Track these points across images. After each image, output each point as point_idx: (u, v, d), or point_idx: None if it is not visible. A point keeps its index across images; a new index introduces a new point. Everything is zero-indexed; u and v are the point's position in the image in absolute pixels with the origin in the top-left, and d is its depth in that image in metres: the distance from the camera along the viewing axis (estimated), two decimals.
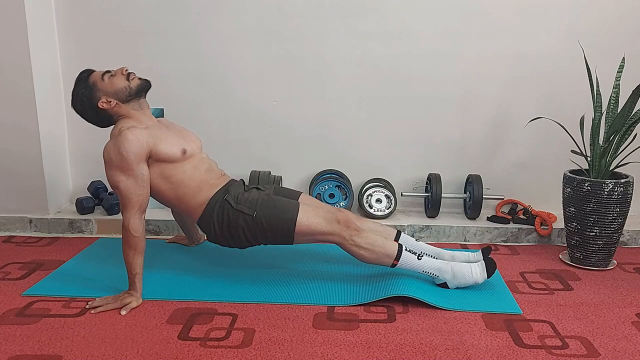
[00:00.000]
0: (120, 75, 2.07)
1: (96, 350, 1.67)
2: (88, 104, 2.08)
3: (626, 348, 1.72)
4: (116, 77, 2.06)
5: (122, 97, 2.07)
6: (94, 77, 2.07)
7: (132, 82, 2.08)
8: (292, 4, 2.78)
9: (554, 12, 2.72)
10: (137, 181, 1.96)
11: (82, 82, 2.08)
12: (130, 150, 1.94)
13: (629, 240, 2.67)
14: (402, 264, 2.04)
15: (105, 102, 2.06)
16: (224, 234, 2.07)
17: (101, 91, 2.05)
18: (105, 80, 2.05)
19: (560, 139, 2.50)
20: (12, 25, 2.59)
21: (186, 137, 2.21)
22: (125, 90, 2.06)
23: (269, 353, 1.67)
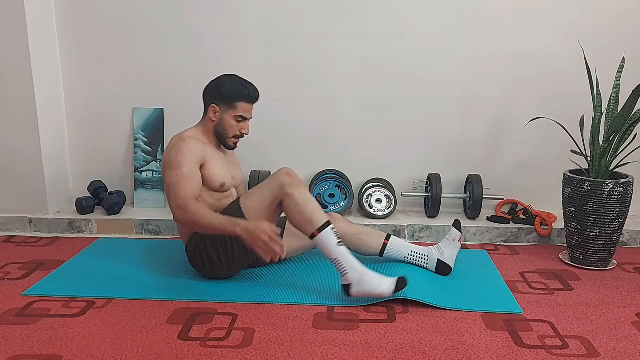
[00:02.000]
0: (240, 128, 2.19)
1: (96, 350, 1.67)
2: (215, 92, 2.17)
3: (626, 348, 1.72)
4: (240, 123, 2.18)
5: (220, 128, 2.18)
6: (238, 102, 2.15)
7: (231, 139, 2.20)
8: (292, 4, 2.78)
9: (554, 12, 2.72)
10: (193, 174, 2.05)
11: (231, 87, 2.15)
12: (188, 152, 2.05)
13: (629, 240, 2.67)
14: (320, 241, 1.93)
15: (213, 109, 2.17)
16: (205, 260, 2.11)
17: (225, 110, 2.15)
18: (231, 116, 2.16)
19: (560, 139, 2.50)
20: (12, 25, 2.59)
21: (233, 171, 2.28)
22: (224, 132, 2.18)
23: (269, 353, 1.67)
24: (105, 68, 2.90)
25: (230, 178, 2.22)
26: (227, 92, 2.13)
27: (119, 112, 2.95)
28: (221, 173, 2.16)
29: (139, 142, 2.95)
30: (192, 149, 2.07)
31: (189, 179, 2.03)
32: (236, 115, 2.15)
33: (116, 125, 2.96)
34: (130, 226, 2.78)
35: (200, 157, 2.09)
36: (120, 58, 2.88)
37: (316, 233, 1.94)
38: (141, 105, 2.94)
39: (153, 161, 2.96)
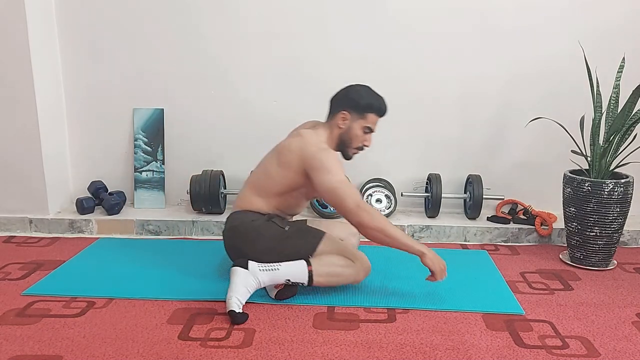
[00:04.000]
0: (364, 139, 2.13)
1: (96, 350, 1.67)
2: (348, 100, 2.10)
3: (626, 348, 1.72)
4: (366, 135, 2.12)
5: (346, 137, 2.11)
6: (369, 113, 2.10)
7: (353, 150, 2.15)
8: (292, 4, 2.78)
9: (554, 13, 2.72)
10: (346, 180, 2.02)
11: (366, 97, 2.09)
12: (334, 157, 2.05)
13: (629, 240, 2.67)
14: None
15: (343, 116, 2.10)
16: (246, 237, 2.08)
17: (355, 119, 2.09)
18: (360, 126, 2.10)
19: (560, 139, 2.50)
20: (12, 25, 2.59)
21: None
22: (349, 141, 2.12)
23: (269, 353, 1.67)
24: (105, 68, 2.89)
25: None
26: (362, 101, 2.08)
27: (119, 112, 2.95)
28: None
29: (139, 142, 2.95)
30: (336, 156, 2.07)
31: (351, 186, 2.02)
32: (365, 125, 2.10)
33: (116, 125, 2.96)
34: (131, 226, 2.78)
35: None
36: (120, 58, 2.88)
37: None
38: (141, 105, 2.94)
39: (153, 161, 2.96)
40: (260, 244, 2.05)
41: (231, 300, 1.87)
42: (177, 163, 2.99)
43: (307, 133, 2.12)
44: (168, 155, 2.99)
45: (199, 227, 2.78)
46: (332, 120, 2.13)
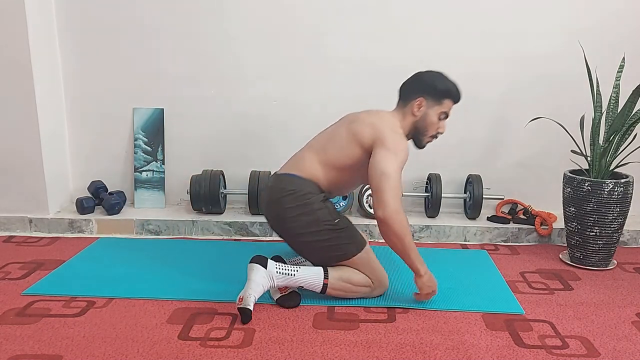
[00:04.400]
0: (439, 126, 2.07)
1: (96, 350, 1.67)
2: (425, 86, 2.03)
3: (626, 348, 1.72)
4: (441, 122, 2.06)
5: (421, 124, 2.05)
6: (446, 99, 2.04)
7: (428, 138, 2.10)
8: (292, 4, 2.78)
9: (554, 12, 2.72)
10: (400, 174, 1.93)
11: (444, 83, 2.03)
12: (406, 152, 1.98)
13: (629, 240, 2.67)
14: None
15: (419, 103, 2.02)
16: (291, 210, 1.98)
17: (431, 106, 2.02)
18: (436, 112, 2.04)
19: (560, 139, 2.50)
20: (12, 25, 2.59)
21: None
22: (424, 128, 2.06)
23: (269, 353, 1.67)
24: (105, 68, 2.89)
25: None
26: (439, 87, 2.01)
27: (119, 112, 2.95)
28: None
29: (139, 142, 2.95)
30: (408, 150, 1.99)
31: (400, 182, 1.93)
32: (441, 112, 2.03)
33: (116, 125, 2.96)
34: (131, 226, 2.78)
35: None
36: (120, 58, 2.88)
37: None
38: (141, 105, 2.94)
39: (153, 161, 2.96)
40: (304, 222, 1.96)
41: (250, 299, 1.86)
42: (177, 163, 2.99)
43: (384, 112, 2.06)
44: (168, 155, 2.99)
45: (199, 227, 2.78)
46: (405, 107, 2.05)
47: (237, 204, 3.01)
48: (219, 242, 2.70)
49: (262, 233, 2.77)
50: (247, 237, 2.76)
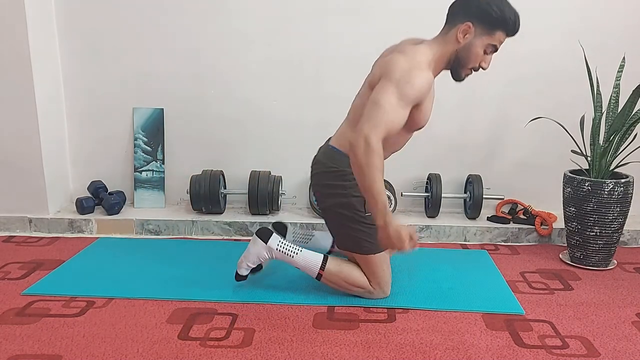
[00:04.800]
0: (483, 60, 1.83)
1: (96, 350, 1.67)
2: (477, 10, 1.78)
3: (626, 348, 1.72)
4: (486, 55, 1.82)
5: (464, 53, 1.80)
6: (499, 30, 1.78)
7: (467, 70, 1.86)
8: (292, 4, 2.78)
9: (554, 12, 2.72)
10: (400, 112, 1.71)
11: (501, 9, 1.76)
12: (417, 88, 1.72)
13: (629, 240, 2.67)
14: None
15: (465, 29, 1.78)
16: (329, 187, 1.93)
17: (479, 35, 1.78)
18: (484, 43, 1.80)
19: (560, 139, 2.50)
20: (12, 25, 2.59)
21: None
22: (466, 59, 1.82)
23: (269, 353, 1.67)
24: (105, 68, 2.89)
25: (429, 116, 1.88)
26: (495, 14, 1.73)
27: (119, 112, 2.95)
28: (427, 114, 1.85)
29: (139, 142, 2.95)
30: (422, 86, 1.72)
31: (396, 119, 1.70)
32: (490, 43, 1.77)
33: (116, 125, 2.96)
34: (130, 226, 2.78)
35: (422, 98, 1.76)
36: (120, 58, 2.88)
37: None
38: (141, 105, 2.94)
39: (153, 161, 2.96)
40: (337, 202, 1.91)
41: (241, 266, 2.03)
42: (177, 163, 2.99)
43: (413, 45, 1.82)
44: (168, 155, 2.99)
45: (198, 227, 2.78)
46: (449, 32, 1.81)
47: (237, 204, 3.01)
48: (219, 242, 2.70)
49: None
50: (247, 237, 2.76)
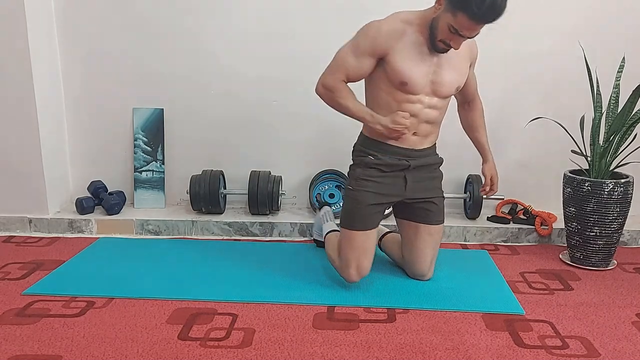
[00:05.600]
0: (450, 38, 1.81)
1: (96, 350, 1.67)
2: None
3: (626, 348, 1.72)
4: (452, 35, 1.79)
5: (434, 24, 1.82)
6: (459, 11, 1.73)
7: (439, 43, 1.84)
8: (292, 4, 2.78)
9: (554, 12, 2.72)
10: (350, 59, 1.95)
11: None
12: (370, 35, 1.91)
13: (629, 240, 2.67)
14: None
15: (438, 3, 1.81)
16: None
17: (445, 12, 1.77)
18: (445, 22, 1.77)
19: (560, 139, 2.50)
20: (12, 25, 2.59)
21: (443, 75, 1.93)
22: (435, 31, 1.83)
23: (269, 353, 1.67)
24: (105, 68, 2.89)
25: (426, 81, 1.92)
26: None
27: (119, 112, 2.95)
28: (406, 70, 1.88)
29: (139, 142, 2.95)
30: (376, 34, 1.88)
31: (346, 64, 1.95)
32: (451, 24, 1.76)
33: (116, 125, 2.96)
34: (130, 226, 2.78)
35: (378, 46, 1.88)
36: (120, 58, 2.88)
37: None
38: (141, 105, 2.94)
39: (153, 161, 2.96)
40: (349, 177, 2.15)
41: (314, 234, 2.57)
42: (177, 163, 2.99)
43: (403, 11, 1.95)
44: (168, 155, 2.99)
45: (198, 227, 2.78)
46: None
47: (237, 204, 3.01)
48: (219, 242, 2.70)
49: (262, 233, 2.77)
50: (247, 237, 2.76)
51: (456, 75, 1.97)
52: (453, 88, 1.99)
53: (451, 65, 1.94)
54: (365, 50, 1.92)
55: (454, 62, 1.94)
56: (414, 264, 2.15)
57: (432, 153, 2.14)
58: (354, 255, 2.05)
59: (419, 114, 1.98)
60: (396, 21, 1.91)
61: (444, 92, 1.97)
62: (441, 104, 2.01)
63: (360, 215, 2.05)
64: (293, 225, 2.76)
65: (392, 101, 1.96)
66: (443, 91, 1.97)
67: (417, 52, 1.90)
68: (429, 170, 2.13)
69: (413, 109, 1.97)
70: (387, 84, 1.95)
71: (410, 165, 2.04)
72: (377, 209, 2.07)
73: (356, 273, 2.06)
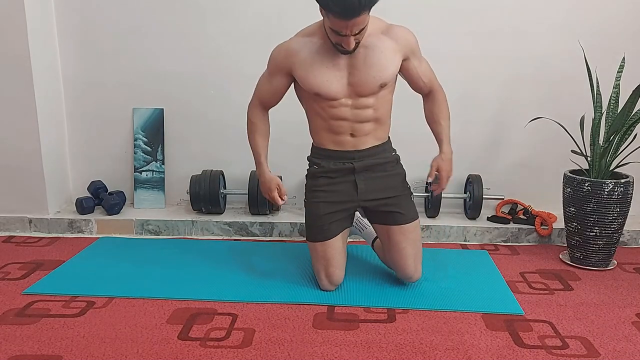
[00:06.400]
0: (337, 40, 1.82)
1: (96, 350, 1.67)
2: None
3: (626, 348, 1.72)
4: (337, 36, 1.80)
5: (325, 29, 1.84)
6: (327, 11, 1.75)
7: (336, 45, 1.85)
8: (292, 4, 2.78)
9: (554, 12, 2.72)
10: (264, 83, 2.10)
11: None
12: (271, 59, 2.04)
13: (629, 240, 2.67)
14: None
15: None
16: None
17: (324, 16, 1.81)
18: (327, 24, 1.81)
19: (560, 139, 2.50)
20: (12, 25, 2.59)
21: (359, 76, 1.91)
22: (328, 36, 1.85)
23: (269, 353, 1.67)
24: (105, 68, 2.89)
25: (341, 84, 1.91)
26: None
27: (119, 112, 2.95)
28: (313, 80, 1.91)
29: (139, 142, 2.95)
30: (274, 57, 2.02)
31: (261, 89, 2.11)
32: (329, 27, 1.78)
33: (116, 125, 2.96)
34: (130, 226, 2.78)
35: (282, 66, 1.98)
36: (120, 58, 2.88)
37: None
38: (141, 105, 2.94)
39: (153, 161, 2.96)
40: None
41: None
42: (177, 163, 2.99)
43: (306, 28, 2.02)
44: (168, 155, 2.99)
45: (198, 227, 2.78)
46: None
47: (237, 204, 3.01)
48: (219, 242, 2.70)
49: (262, 233, 2.77)
50: (247, 237, 2.76)
51: (375, 72, 1.90)
52: (375, 85, 1.92)
53: (367, 63, 1.89)
54: (274, 70, 2.03)
55: (370, 60, 1.89)
56: (398, 267, 2.08)
57: (380, 151, 2.06)
58: (321, 265, 2.06)
59: (347, 116, 1.97)
60: (297, 37, 1.99)
61: (364, 91, 1.93)
62: (372, 102, 1.96)
63: (317, 227, 2.05)
64: (293, 225, 2.76)
65: (319, 109, 1.99)
66: (363, 90, 1.92)
67: (324, 59, 1.90)
68: (383, 169, 2.07)
69: (338, 113, 1.96)
70: (310, 96, 1.98)
71: (355, 167, 2.02)
72: (333, 218, 2.04)
73: (327, 282, 2.07)
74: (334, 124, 1.99)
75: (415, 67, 2.04)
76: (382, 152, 2.07)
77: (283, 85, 2.04)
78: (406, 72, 2.03)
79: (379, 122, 2.03)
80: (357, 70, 1.91)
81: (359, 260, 2.39)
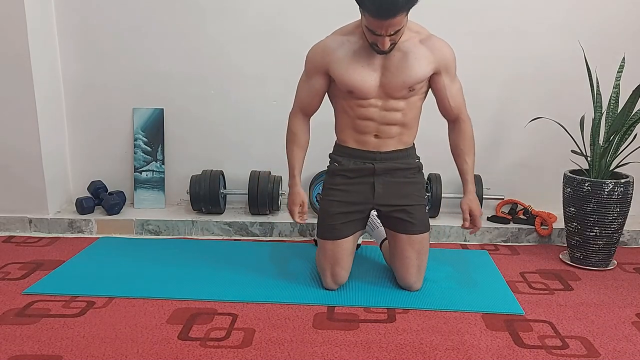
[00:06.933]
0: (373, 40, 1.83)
1: (96, 350, 1.67)
2: None
3: (626, 348, 1.72)
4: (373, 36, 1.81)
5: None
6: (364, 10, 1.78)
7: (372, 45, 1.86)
8: (292, 4, 2.78)
9: (554, 12, 2.72)
10: (304, 86, 2.07)
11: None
12: (308, 59, 2.03)
13: (629, 240, 2.67)
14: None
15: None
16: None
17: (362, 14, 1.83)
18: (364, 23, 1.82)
19: (560, 139, 2.50)
20: (12, 25, 2.59)
21: (390, 77, 1.91)
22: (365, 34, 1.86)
23: (269, 353, 1.67)
24: (105, 68, 2.89)
25: (374, 85, 1.92)
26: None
27: (119, 112, 2.95)
28: (349, 78, 1.91)
29: (139, 142, 2.95)
30: (311, 56, 2.00)
31: (301, 93, 2.07)
32: (365, 25, 1.80)
33: (116, 125, 2.96)
34: (130, 226, 2.78)
35: (317, 65, 1.97)
36: (120, 58, 2.88)
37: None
38: (141, 105, 2.94)
39: (153, 161, 2.96)
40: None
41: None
42: (177, 163, 2.99)
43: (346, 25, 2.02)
44: (168, 155, 2.99)
45: (198, 227, 2.78)
46: None
47: (237, 204, 3.01)
48: (219, 242, 2.70)
49: (262, 233, 2.77)
50: (247, 237, 2.76)
51: (405, 76, 1.91)
52: (404, 88, 1.92)
53: (400, 67, 1.90)
54: (311, 71, 2.01)
55: (403, 64, 1.90)
56: (399, 275, 2.08)
57: (403, 156, 2.05)
58: (327, 263, 2.06)
59: (375, 117, 1.97)
60: (333, 36, 1.99)
61: (394, 93, 1.93)
62: (402, 106, 1.96)
63: (328, 225, 2.05)
64: (293, 225, 2.76)
65: (348, 107, 1.99)
66: (393, 93, 1.93)
67: (360, 58, 1.91)
68: (404, 175, 2.05)
69: (366, 113, 1.97)
70: (341, 93, 1.98)
71: (375, 168, 2.01)
72: (346, 218, 2.03)
73: (332, 281, 2.07)
74: (360, 123, 1.99)
75: (445, 86, 2.01)
76: (405, 157, 2.05)
77: (321, 86, 2.01)
78: (435, 87, 2.01)
79: (406, 127, 2.03)
80: (389, 72, 1.91)
81: (359, 260, 2.38)
